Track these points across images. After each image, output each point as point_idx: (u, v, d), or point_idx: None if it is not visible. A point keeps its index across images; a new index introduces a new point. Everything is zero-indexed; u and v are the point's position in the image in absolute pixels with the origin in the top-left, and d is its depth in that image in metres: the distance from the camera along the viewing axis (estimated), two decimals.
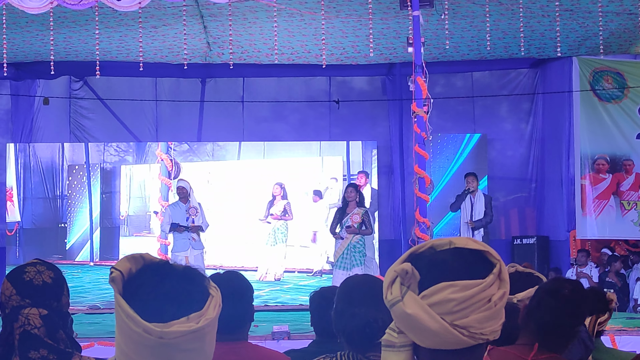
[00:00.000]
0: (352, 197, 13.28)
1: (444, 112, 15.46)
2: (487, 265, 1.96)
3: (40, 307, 3.05)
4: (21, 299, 3.08)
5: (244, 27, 13.89)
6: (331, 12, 12.73)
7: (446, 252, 1.99)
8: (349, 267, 13.15)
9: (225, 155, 16.46)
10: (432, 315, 1.90)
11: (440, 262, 1.96)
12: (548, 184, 16.05)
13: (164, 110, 16.48)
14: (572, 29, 14.02)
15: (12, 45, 13.80)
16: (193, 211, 13.75)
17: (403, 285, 1.93)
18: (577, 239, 15.02)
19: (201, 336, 1.98)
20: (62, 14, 12.44)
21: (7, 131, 16.32)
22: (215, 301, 2.03)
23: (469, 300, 1.90)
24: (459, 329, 1.90)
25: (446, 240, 2.02)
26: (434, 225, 13.75)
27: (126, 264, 2.04)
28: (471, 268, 1.94)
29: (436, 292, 1.91)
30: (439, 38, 13.54)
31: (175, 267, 2.06)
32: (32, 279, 3.12)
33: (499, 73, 16.44)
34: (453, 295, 1.90)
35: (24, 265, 3.20)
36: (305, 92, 16.62)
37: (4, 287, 3.12)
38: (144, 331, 1.92)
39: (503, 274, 1.97)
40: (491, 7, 12.38)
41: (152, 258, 2.08)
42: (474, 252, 1.98)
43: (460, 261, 1.96)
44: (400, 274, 1.93)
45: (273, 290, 15.70)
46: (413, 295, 1.92)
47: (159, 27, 13.76)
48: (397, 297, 1.93)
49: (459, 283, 1.90)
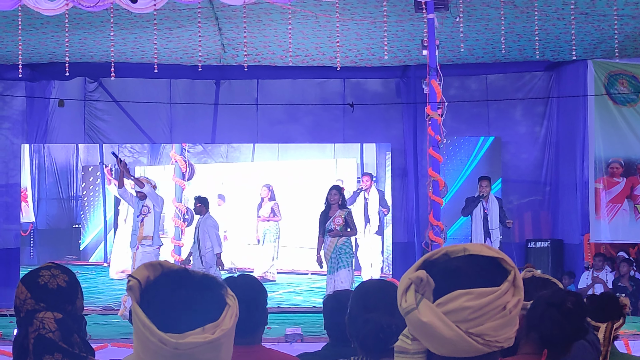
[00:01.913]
0: (335, 200, 13.11)
1: (458, 114, 15.42)
2: (502, 273, 1.95)
3: (55, 311, 3.06)
4: (36, 303, 3.09)
5: (259, 29, 13.90)
6: (346, 15, 12.73)
7: (460, 259, 1.98)
8: (335, 269, 13.07)
9: (239, 157, 16.47)
10: (447, 323, 1.89)
11: (454, 270, 1.95)
12: (562, 187, 16.00)
13: (178, 111, 16.50)
14: (587, 32, 13.98)
15: (27, 46, 13.86)
16: (145, 210, 13.18)
17: (418, 293, 1.93)
18: (591, 242, 14.97)
19: (217, 347, 1.98)
20: (78, 15, 12.47)
21: (22, 132, 16.36)
22: (232, 311, 2.02)
23: (484, 308, 1.89)
24: (474, 337, 1.90)
25: (460, 247, 2.01)
26: (448, 228, 13.69)
27: (144, 271, 2.03)
28: (486, 275, 1.94)
29: (451, 300, 1.90)
30: (453, 40, 13.52)
31: (193, 275, 2.05)
32: (46, 282, 3.13)
33: (513, 76, 16.39)
34: (468, 303, 1.89)
35: (39, 268, 3.20)
36: (319, 94, 16.61)
37: (18, 291, 3.12)
38: (159, 341, 1.92)
39: (518, 281, 1.96)
40: (506, 10, 12.34)
41: (171, 265, 2.07)
42: (489, 259, 1.97)
43: (475, 268, 1.95)
44: (415, 281, 1.93)
45: (286, 292, 15.70)
46: (428, 303, 1.91)
47: (173, 28, 13.79)
48: (412, 305, 1.92)
49: (474, 291, 1.90)
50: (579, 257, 15.21)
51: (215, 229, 13.67)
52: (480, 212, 13.73)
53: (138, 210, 13.27)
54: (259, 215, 16.03)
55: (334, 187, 13.40)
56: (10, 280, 14.89)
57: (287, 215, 16.00)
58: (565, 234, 15.72)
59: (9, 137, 16.41)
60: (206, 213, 13.69)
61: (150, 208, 13.19)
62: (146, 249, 13.14)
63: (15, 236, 16.05)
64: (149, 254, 13.12)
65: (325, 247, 13.11)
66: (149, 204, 13.21)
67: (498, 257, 1.98)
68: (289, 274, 16.01)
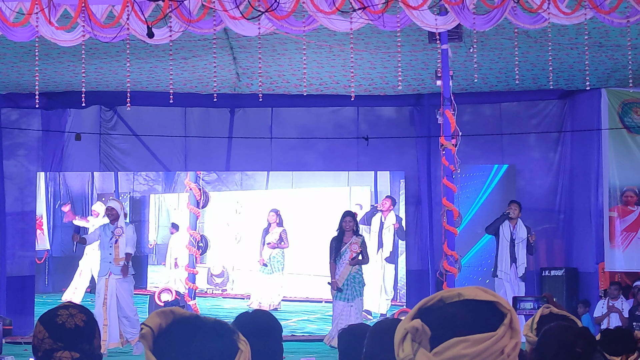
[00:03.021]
0: (349, 227, 13.06)
1: (472, 142, 15.43)
2: (498, 316, 1.94)
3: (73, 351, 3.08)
4: (54, 342, 3.11)
5: (273, 59, 13.97)
6: (360, 45, 12.79)
7: (455, 305, 1.97)
8: (351, 298, 13.00)
9: (253, 184, 16.51)
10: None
11: (450, 317, 1.95)
12: (577, 215, 15.97)
13: (193, 140, 16.56)
14: (601, 62, 14.00)
15: (43, 75, 13.95)
16: (118, 231, 12.85)
17: (415, 342, 1.92)
18: (606, 271, 14.93)
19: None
20: (94, 45, 12.56)
21: (37, 160, 16.46)
22: (244, 356, 2.04)
23: (482, 355, 1.88)
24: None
25: (455, 291, 2.00)
26: (462, 257, 13.66)
27: (156, 319, 2.05)
28: (481, 320, 1.93)
29: (448, 348, 1.89)
30: (467, 70, 13.55)
31: (205, 321, 2.08)
32: (64, 322, 3.15)
33: (527, 104, 16.41)
34: (465, 350, 1.88)
35: (56, 308, 3.23)
36: (333, 121, 16.67)
37: (36, 331, 3.15)
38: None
39: (514, 323, 1.95)
40: (519, 40, 12.37)
41: (182, 312, 2.10)
42: (484, 303, 1.96)
43: (470, 314, 1.94)
44: (411, 331, 1.92)
45: (300, 320, 15.70)
46: (425, 352, 1.91)
47: (189, 58, 13.87)
48: (409, 355, 1.92)
49: (470, 338, 1.89)
50: (594, 285, 15.15)
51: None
52: (507, 235, 13.60)
53: (110, 233, 12.90)
54: (268, 242, 15.96)
55: (348, 214, 13.34)
56: (25, 307, 14.93)
57: (301, 242, 15.99)
58: (579, 263, 15.68)
59: (24, 164, 16.51)
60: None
61: (123, 229, 12.91)
62: (119, 277, 12.78)
63: (30, 263, 16.10)
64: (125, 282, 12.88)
65: (338, 274, 13.06)
66: (122, 224, 12.96)
67: (494, 300, 1.97)
68: (303, 301, 16.00)
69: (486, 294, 1.98)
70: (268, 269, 15.90)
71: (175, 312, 2.09)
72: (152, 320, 2.05)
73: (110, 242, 12.87)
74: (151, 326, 2.03)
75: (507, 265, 13.44)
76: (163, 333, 2.04)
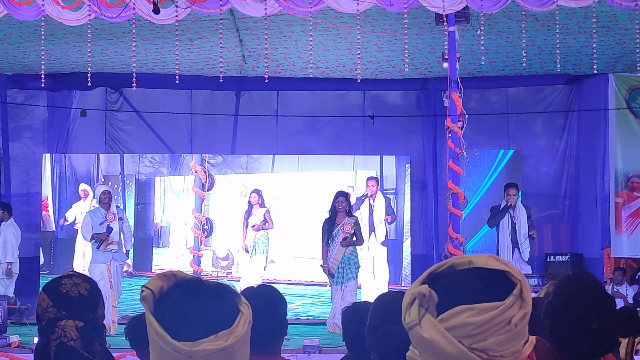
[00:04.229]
0: (342, 207, 12.88)
1: (478, 127, 15.41)
2: (508, 286, 1.91)
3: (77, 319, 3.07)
4: (58, 311, 3.10)
5: (279, 41, 13.94)
6: (366, 27, 12.75)
7: (465, 272, 1.95)
8: (344, 280, 12.86)
9: (259, 168, 16.50)
10: (449, 339, 1.86)
11: (458, 284, 1.93)
12: (582, 201, 15.95)
13: (198, 122, 16.56)
14: (608, 46, 13.95)
15: (49, 56, 13.96)
16: (111, 217, 12.91)
17: (421, 307, 1.91)
18: (612, 257, 14.91)
19: (231, 354, 1.98)
20: (100, 26, 12.55)
21: (43, 141, 16.46)
22: (245, 318, 2.03)
23: (488, 324, 1.86)
24: (477, 352, 1.87)
25: (466, 259, 1.97)
26: (467, 241, 13.63)
27: (157, 282, 2.05)
28: (490, 289, 1.90)
29: (454, 315, 1.87)
30: (474, 53, 13.51)
31: (207, 284, 2.07)
32: (68, 291, 3.14)
33: (534, 89, 16.36)
34: (471, 319, 1.86)
35: (60, 277, 3.22)
36: (339, 105, 16.63)
37: (40, 299, 3.14)
38: (173, 350, 1.94)
39: (524, 293, 1.91)
40: (527, 24, 12.33)
41: (184, 275, 2.09)
42: (494, 272, 1.94)
43: (479, 282, 1.92)
44: (418, 296, 1.91)
45: (305, 304, 15.70)
46: (431, 318, 1.89)
47: (194, 39, 13.84)
48: (414, 321, 1.90)
49: (476, 306, 1.86)
50: (599, 271, 15.12)
51: (15, 238, 13.79)
52: (507, 222, 13.51)
53: (102, 218, 12.94)
54: (252, 224, 15.55)
55: (340, 194, 13.13)
56: (30, 289, 14.95)
57: (306, 226, 15.95)
58: (585, 248, 15.66)
59: (30, 146, 16.51)
60: (9, 219, 13.89)
61: (115, 215, 12.99)
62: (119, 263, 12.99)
63: (35, 245, 16.11)
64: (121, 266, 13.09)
65: (332, 257, 12.94)
66: (113, 210, 13.03)
67: (505, 269, 1.94)
68: (308, 285, 15.99)
69: (498, 262, 1.95)
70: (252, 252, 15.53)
71: (176, 275, 2.08)
72: (154, 283, 2.04)
73: (100, 228, 12.89)
74: (152, 289, 2.03)
75: (509, 252, 13.37)
76: (164, 295, 2.03)
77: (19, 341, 11.11)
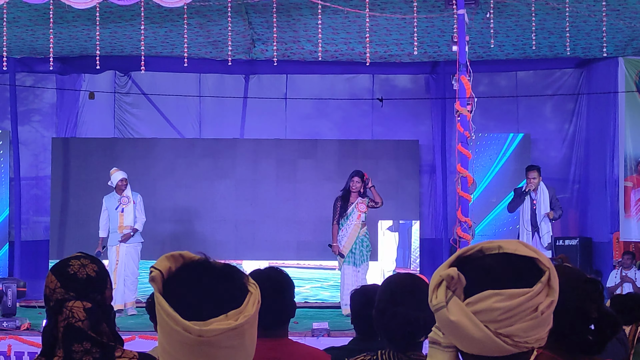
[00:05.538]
0: (357, 188, 12.83)
1: (488, 111, 15.38)
2: (536, 273, 1.92)
3: (84, 300, 3.06)
4: (65, 292, 3.09)
5: (288, 24, 13.91)
6: (376, 10, 12.71)
7: (494, 257, 1.96)
8: (358, 263, 12.83)
9: None
10: (475, 323, 1.88)
11: (487, 268, 1.93)
12: (592, 185, 15.91)
13: (207, 106, 16.55)
14: (618, 29, 13.89)
15: (58, 39, 13.95)
16: (125, 200, 13.21)
17: (449, 290, 1.92)
18: (621, 241, 14.89)
19: (240, 333, 1.99)
20: (108, 9, 12.53)
21: (52, 125, 16.47)
22: (254, 298, 2.04)
23: (514, 310, 1.87)
24: (502, 337, 1.88)
25: (495, 244, 1.98)
26: (476, 225, 13.63)
27: (165, 262, 2.06)
28: (519, 276, 1.91)
29: (481, 299, 1.88)
30: (483, 37, 13.47)
31: (214, 264, 2.08)
32: (76, 272, 3.13)
33: (543, 72, 16.32)
34: (498, 304, 1.87)
35: (68, 258, 3.21)
36: (348, 89, 16.60)
37: (48, 280, 3.13)
38: (183, 329, 1.94)
39: (552, 281, 1.92)
40: (537, 6, 12.28)
41: (192, 256, 2.10)
42: (523, 258, 1.95)
43: (508, 268, 1.93)
44: (446, 278, 1.91)
45: (313, 287, 15.71)
46: (458, 301, 1.90)
47: (203, 23, 13.82)
48: (441, 303, 1.91)
49: (504, 292, 1.87)
50: (608, 255, 15.12)
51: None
52: (527, 206, 13.54)
53: (117, 202, 13.27)
54: None
55: (356, 174, 13.05)
56: (39, 272, 14.99)
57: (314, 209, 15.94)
58: (594, 232, 15.63)
59: (39, 130, 16.52)
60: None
61: (130, 198, 13.25)
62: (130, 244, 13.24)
63: (44, 229, 16.16)
64: (134, 248, 13.29)
65: (346, 236, 12.91)
66: (128, 194, 13.27)
67: (534, 256, 1.95)
68: (317, 269, 15.99)
69: (527, 249, 1.96)
70: None
71: (184, 255, 2.09)
72: (162, 264, 2.05)
73: (117, 210, 13.22)
74: (161, 269, 2.03)
75: (529, 237, 13.38)
76: (173, 276, 2.04)
77: (28, 324, 11.17)
